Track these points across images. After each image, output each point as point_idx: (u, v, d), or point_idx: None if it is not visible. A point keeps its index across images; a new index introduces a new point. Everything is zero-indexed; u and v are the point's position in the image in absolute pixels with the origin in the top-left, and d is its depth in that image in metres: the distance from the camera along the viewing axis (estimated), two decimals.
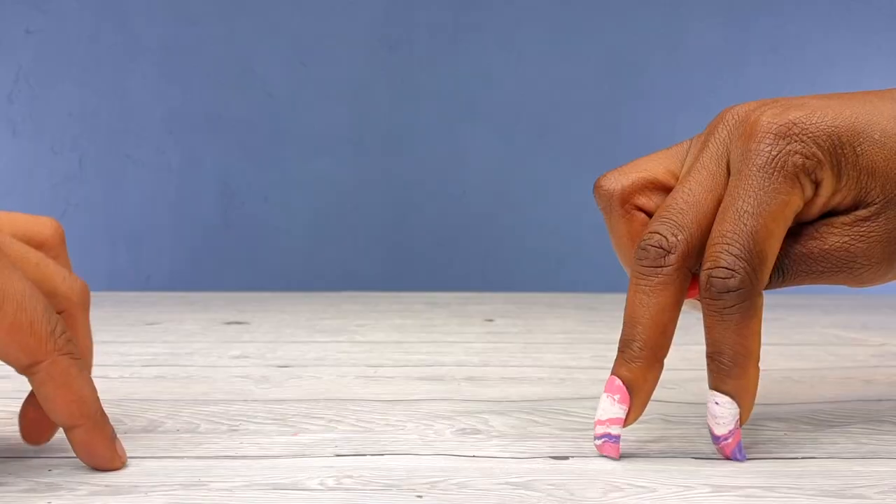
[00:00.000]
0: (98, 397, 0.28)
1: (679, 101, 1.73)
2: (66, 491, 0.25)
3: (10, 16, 1.65)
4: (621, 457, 0.30)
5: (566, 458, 0.30)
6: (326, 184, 1.69)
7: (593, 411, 0.37)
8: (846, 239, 0.29)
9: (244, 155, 1.69)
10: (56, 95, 1.66)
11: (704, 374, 0.45)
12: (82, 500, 0.25)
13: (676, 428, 0.34)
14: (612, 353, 0.54)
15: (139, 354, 0.53)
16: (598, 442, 0.29)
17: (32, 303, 0.26)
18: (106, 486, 0.26)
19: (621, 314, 0.80)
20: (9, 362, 0.26)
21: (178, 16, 1.67)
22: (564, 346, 0.58)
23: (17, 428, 0.33)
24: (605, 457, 0.30)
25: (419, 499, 0.25)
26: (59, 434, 0.32)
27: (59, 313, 0.28)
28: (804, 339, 0.63)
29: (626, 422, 0.29)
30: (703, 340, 0.29)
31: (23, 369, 0.26)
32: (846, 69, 1.74)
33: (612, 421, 0.29)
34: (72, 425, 0.27)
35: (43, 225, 0.29)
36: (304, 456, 0.30)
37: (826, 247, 0.29)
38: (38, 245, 0.29)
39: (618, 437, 0.29)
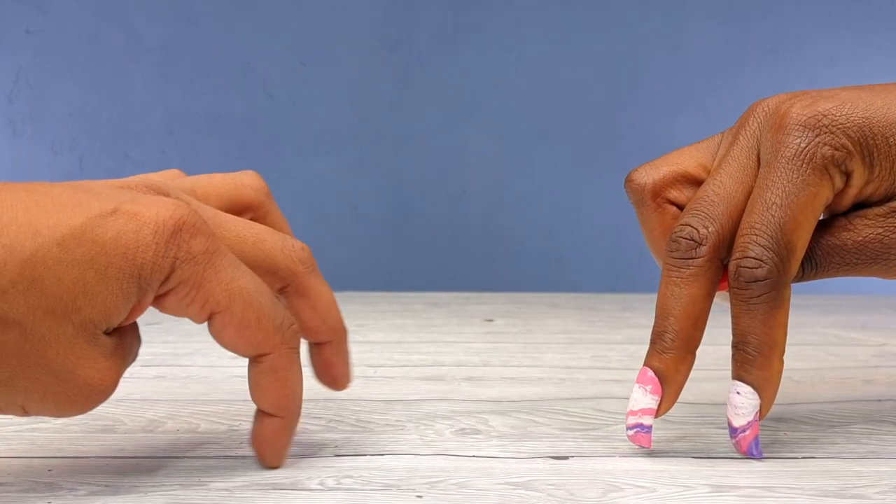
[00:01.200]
0: (302, 393, 0.28)
1: (679, 101, 1.73)
2: (66, 491, 0.25)
3: (10, 16, 1.65)
4: (621, 457, 0.30)
5: (566, 458, 0.30)
6: (326, 184, 1.69)
7: (593, 411, 0.37)
8: (880, 230, 0.29)
9: (244, 155, 1.69)
10: (56, 95, 1.66)
11: (705, 374, 0.45)
12: (82, 500, 0.25)
13: (676, 428, 0.34)
14: (612, 353, 0.55)
15: (139, 354, 0.53)
16: (631, 432, 0.29)
17: (258, 298, 0.26)
18: (106, 486, 0.26)
19: (621, 314, 0.80)
20: (236, 353, 0.27)
21: (178, 16, 1.67)
22: (564, 346, 0.58)
23: (16, 428, 0.33)
24: (619, 449, 0.30)
25: (419, 499, 0.25)
26: (60, 434, 0.32)
27: (284, 288, 0.28)
28: (804, 339, 0.63)
29: (658, 412, 0.29)
30: (705, 340, 0.30)
31: (249, 357, 0.27)
32: (846, 69, 1.74)
33: (644, 411, 0.29)
34: (273, 415, 0.27)
35: (245, 186, 0.29)
36: (304, 456, 0.30)
37: (860, 238, 0.30)
38: (245, 208, 0.29)
39: (650, 428, 0.29)
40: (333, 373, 0.30)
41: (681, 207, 0.33)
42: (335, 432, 0.33)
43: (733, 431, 0.29)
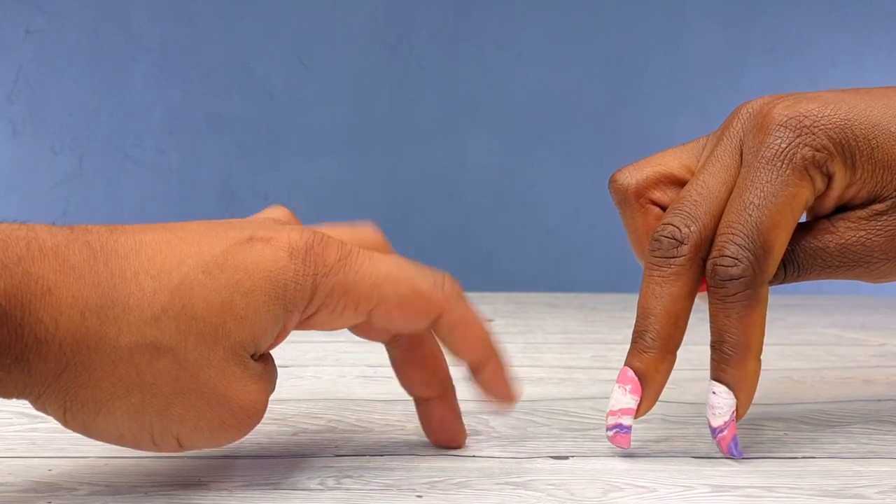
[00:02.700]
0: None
1: (679, 101, 1.73)
2: (66, 491, 0.25)
3: (10, 16, 1.65)
4: (621, 457, 0.30)
5: (566, 458, 0.30)
6: (327, 184, 1.69)
7: (593, 411, 0.37)
8: (862, 233, 0.29)
9: (244, 155, 1.69)
10: (56, 95, 1.66)
11: (705, 374, 0.45)
12: (82, 500, 0.25)
13: (676, 428, 0.34)
14: (612, 353, 0.55)
15: None
16: (610, 433, 0.29)
17: (403, 272, 0.26)
18: (106, 486, 0.26)
19: (621, 314, 0.80)
20: (411, 330, 0.27)
21: (178, 16, 1.67)
22: (564, 346, 0.58)
23: (17, 428, 0.33)
24: (619, 449, 0.30)
25: (419, 499, 0.25)
26: (60, 434, 0.32)
27: (437, 319, 0.28)
28: (804, 339, 0.63)
29: (638, 413, 0.29)
30: (705, 340, 0.30)
31: (427, 329, 0.27)
32: (846, 69, 1.74)
33: (623, 411, 0.29)
34: (483, 360, 0.28)
35: (366, 234, 0.30)
36: (304, 456, 0.30)
37: (842, 241, 0.29)
38: None
39: (629, 428, 0.29)
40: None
41: (664, 208, 0.33)
42: (335, 432, 0.33)
43: (713, 432, 0.29)
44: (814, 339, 0.63)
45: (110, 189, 1.68)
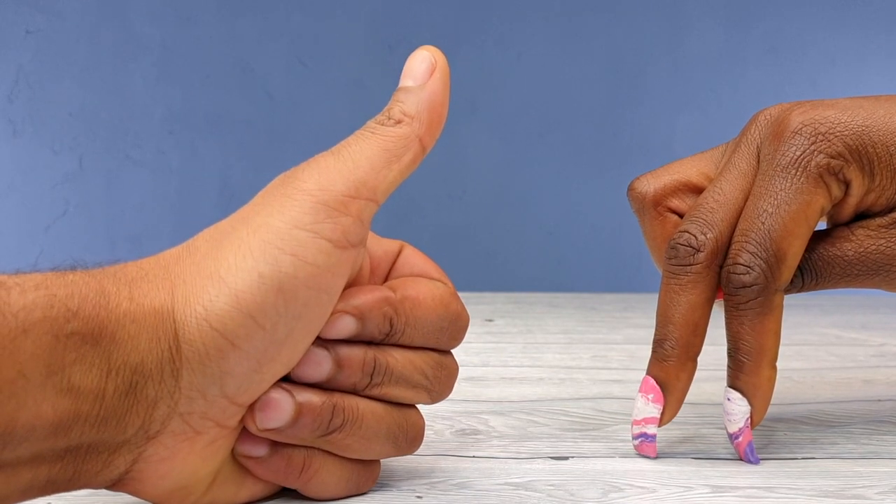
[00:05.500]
0: None
1: (679, 101, 1.73)
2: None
3: (10, 16, 1.65)
4: (622, 457, 0.30)
5: (566, 458, 0.30)
6: None
7: (593, 411, 0.37)
8: (882, 242, 0.29)
9: (244, 155, 1.69)
10: (56, 95, 1.67)
11: (706, 374, 0.45)
12: (82, 500, 0.25)
13: (676, 428, 0.34)
14: (612, 354, 0.55)
15: None
16: (636, 442, 0.29)
17: None
18: None
19: (621, 314, 0.80)
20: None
21: (178, 16, 1.68)
22: (564, 346, 0.58)
23: None
24: (618, 449, 0.30)
25: (419, 499, 0.25)
26: None
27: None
28: (804, 339, 0.63)
29: (662, 421, 0.29)
30: (707, 342, 0.30)
31: None
32: (846, 69, 1.74)
33: (647, 420, 0.29)
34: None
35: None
36: None
37: (861, 249, 0.29)
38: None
39: (654, 437, 0.29)
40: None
41: (682, 216, 0.33)
42: None
43: (729, 437, 0.29)
44: (814, 339, 0.63)
45: (110, 189, 1.68)
